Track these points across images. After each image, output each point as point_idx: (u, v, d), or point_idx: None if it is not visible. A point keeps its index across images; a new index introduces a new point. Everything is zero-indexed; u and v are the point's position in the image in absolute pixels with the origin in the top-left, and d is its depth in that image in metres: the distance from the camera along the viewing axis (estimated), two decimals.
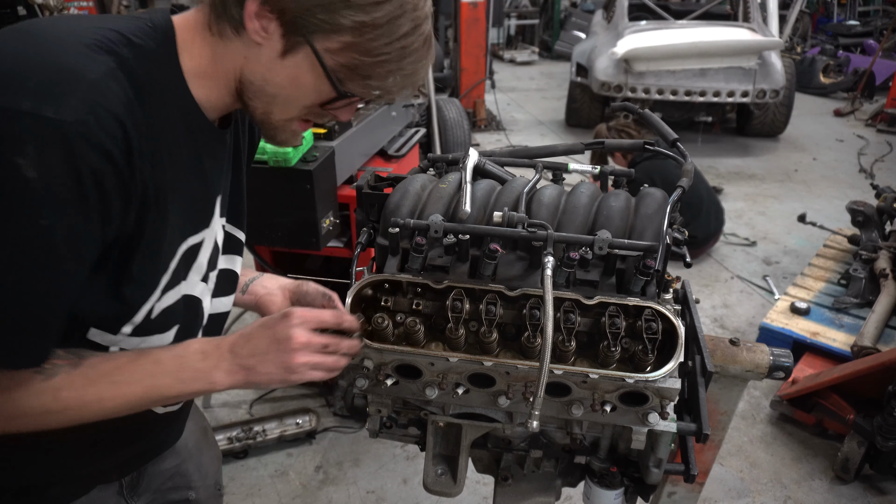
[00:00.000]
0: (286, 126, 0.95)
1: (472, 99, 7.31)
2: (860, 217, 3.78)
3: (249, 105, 0.92)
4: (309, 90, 0.89)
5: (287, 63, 0.86)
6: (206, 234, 0.97)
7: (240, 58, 0.87)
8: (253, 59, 0.87)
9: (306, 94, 0.90)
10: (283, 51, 0.85)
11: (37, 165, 0.68)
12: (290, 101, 0.91)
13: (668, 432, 1.17)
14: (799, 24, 11.16)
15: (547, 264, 1.06)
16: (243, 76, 0.89)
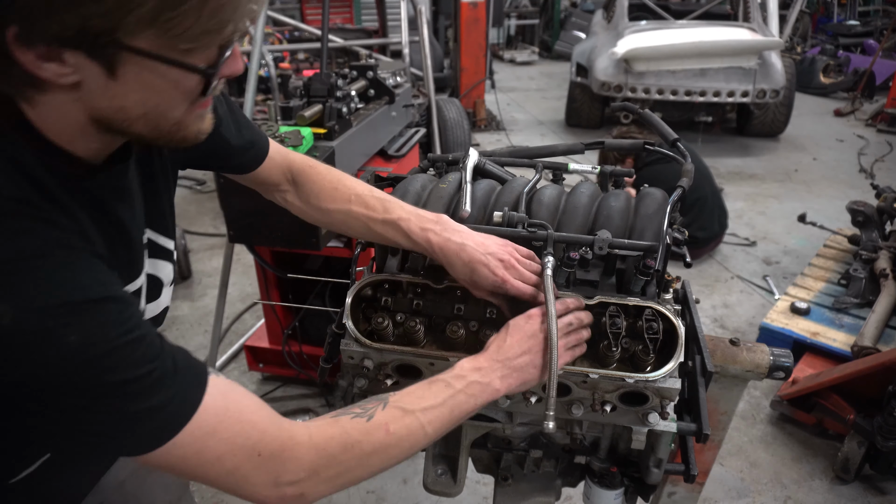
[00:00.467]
0: (181, 124, 0.80)
1: (472, 99, 7.31)
2: (860, 217, 3.78)
3: (133, 133, 0.77)
4: (170, 89, 0.74)
5: (122, 80, 0.70)
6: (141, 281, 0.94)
7: (71, 106, 0.72)
8: (86, 98, 0.71)
9: (171, 95, 0.75)
10: (106, 72, 0.69)
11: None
12: (164, 109, 0.76)
13: (668, 432, 1.17)
14: (799, 24, 11.16)
15: (547, 264, 1.06)
16: (94, 118, 0.74)
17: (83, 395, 0.68)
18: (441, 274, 1.16)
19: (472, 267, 1.07)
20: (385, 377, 1.15)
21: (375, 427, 0.85)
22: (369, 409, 0.87)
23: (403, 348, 1.12)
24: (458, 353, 1.12)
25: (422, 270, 1.18)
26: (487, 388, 0.97)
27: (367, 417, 0.85)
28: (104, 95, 0.71)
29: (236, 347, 3.35)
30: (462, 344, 1.13)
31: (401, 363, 1.13)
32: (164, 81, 0.72)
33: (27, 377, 0.65)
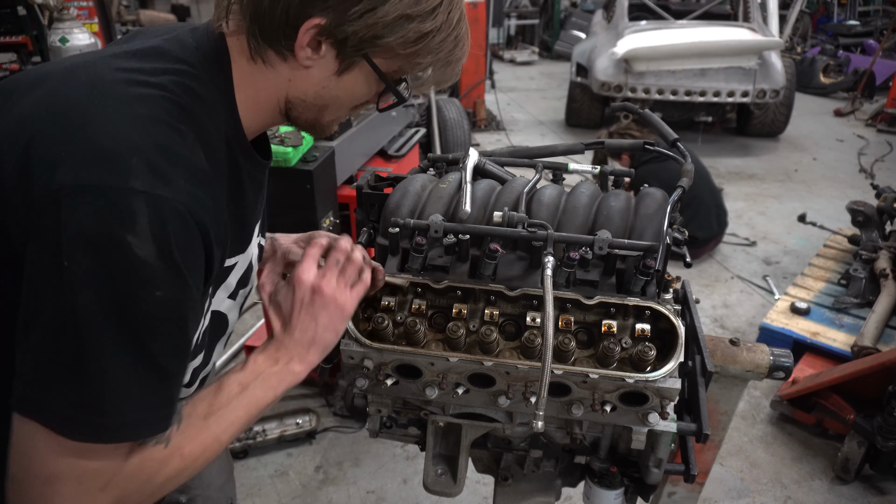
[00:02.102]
0: (333, 122, 0.98)
1: (472, 99, 7.31)
2: (860, 217, 3.78)
3: (299, 118, 0.94)
4: (362, 95, 0.92)
5: (344, 79, 0.87)
6: (238, 258, 0.98)
7: (284, 81, 0.88)
8: (300, 80, 0.88)
9: (360, 98, 0.93)
10: (339, 69, 0.86)
11: (148, 243, 0.69)
12: (342, 106, 0.94)
13: (668, 432, 1.17)
14: (799, 24, 11.16)
15: (547, 264, 1.06)
16: (290, 96, 0.90)
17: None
18: (441, 274, 1.16)
19: None
20: (385, 377, 1.15)
21: (171, 454, 0.80)
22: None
23: (403, 348, 1.12)
24: (458, 352, 1.12)
25: (422, 270, 1.18)
26: (287, 376, 0.93)
27: (164, 442, 0.80)
28: (317, 84, 0.88)
29: (236, 347, 3.35)
30: (462, 343, 1.13)
31: (401, 363, 1.13)
32: (365, 89, 0.91)
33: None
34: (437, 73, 0.92)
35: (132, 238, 0.68)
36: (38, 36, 4.84)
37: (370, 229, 1.37)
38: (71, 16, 3.23)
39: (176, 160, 0.73)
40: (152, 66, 0.81)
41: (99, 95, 0.75)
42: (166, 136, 0.74)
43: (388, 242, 1.20)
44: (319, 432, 2.79)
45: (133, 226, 0.68)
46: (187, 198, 0.73)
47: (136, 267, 0.69)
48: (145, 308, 0.71)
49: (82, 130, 0.71)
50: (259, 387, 0.91)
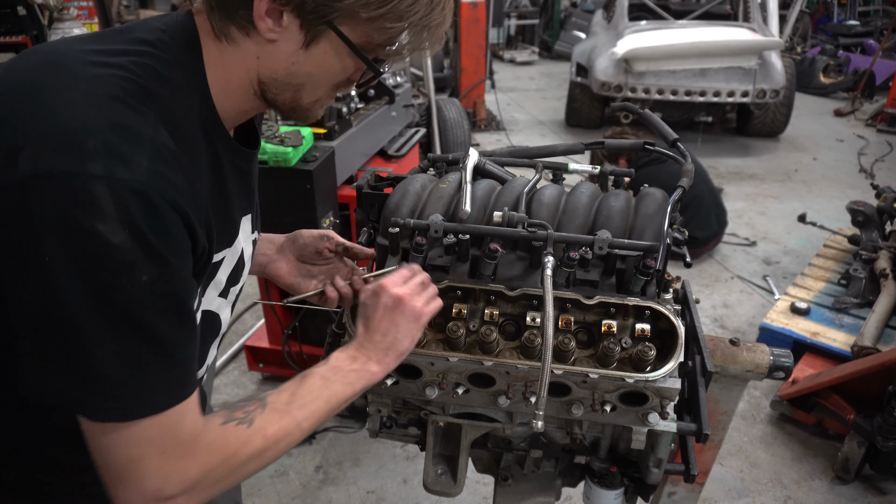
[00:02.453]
0: (315, 105, 0.93)
1: (472, 99, 7.31)
2: (860, 217, 3.78)
3: (276, 100, 0.90)
4: (337, 71, 0.87)
5: (312, 52, 0.83)
6: (226, 253, 0.96)
7: (252, 59, 0.84)
8: (268, 57, 0.84)
9: (336, 75, 0.88)
10: (305, 41, 0.82)
11: (119, 229, 0.67)
12: (318, 85, 0.89)
13: (668, 432, 1.17)
14: (799, 24, 11.15)
15: (547, 264, 1.06)
16: (261, 76, 0.86)
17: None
18: (441, 274, 1.16)
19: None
20: (385, 377, 1.15)
21: (254, 433, 0.84)
22: (250, 412, 0.86)
23: None
24: (458, 352, 1.12)
25: None
26: (364, 374, 0.98)
27: (247, 423, 0.84)
28: (285, 60, 0.84)
29: (236, 347, 3.35)
30: (462, 343, 1.13)
31: (401, 363, 1.13)
32: (338, 64, 0.86)
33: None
34: (413, 40, 0.86)
35: (102, 226, 0.66)
36: (38, 36, 4.84)
37: (370, 229, 1.37)
38: (71, 16, 3.22)
39: (136, 139, 0.71)
40: (111, 48, 0.78)
41: (53, 74, 0.73)
42: (123, 114, 0.71)
43: (388, 242, 1.20)
44: (319, 432, 2.79)
45: (100, 213, 0.66)
46: (151, 177, 0.70)
47: (113, 254, 0.67)
48: (133, 292, 0.69)
49: (37, 113, 0.69)
50: (339, 382, 0.95)
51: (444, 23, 0.87)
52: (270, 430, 0.86)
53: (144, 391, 0.74)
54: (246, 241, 1.04)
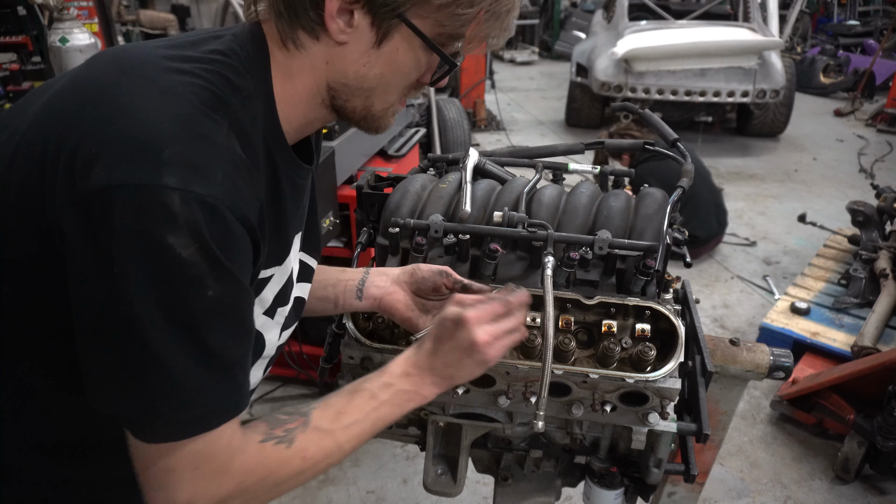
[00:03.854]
0: (387, 112, 0.90)
1: (472, 99, 7.30)
2: (860, 217, 3.78)
3: (346, 107, 0.87)
4: (409, 69, 0.84)
5: (383, 50, 0.80)
6: (275, 271, 0.92)
7: (321, 64, 0.82)
8: (338, 60, 0.81)
9: (407, 74, 0.85)
10: (377, 39, 0.79)
11: (190, 243, 0.66)
12: (390, 88, 0.86)
13: (668, 432, 1.17)
14: (799, 24, 11.15)
15: (547, 264, 1.06)
16: (331, 82, 0.83)
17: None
18: None
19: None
20: None
21: (293, 455, 0.82)
22: (291, 430, 0.83)
23: (403, 348, 1.12)
24: None
25: None
26: (415, 397, 0.93)
27: (287, 443, 0.82)
28: (357, 61, 0.81)
29: None
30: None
31: None
32: (411, 61, 0.83)
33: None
34: (486, 27, 0.82)
35: (173, 239, 0.65)
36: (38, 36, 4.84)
37: (370, 229, 1.37)
38: (71, 16, 3.22)
39: (212, 150, 0.70)
40: (184, 54, 0.77)
41: (128, 80, 0.72)
42: (200, 123, 0.70)
43: (388, 242, 1.20)
44: None
45: (173, 226, 0.65)
46: (225, 191, 0.69)
47: (183, 268, 0.66)
48: (200, 306, 0.69)
49: (113, 121, 0.68)
50: (389, 403, 0.91)
51: (514, 9, 0.84)
52: (310, 452, 0.83)
53: (197, 410, 0.72)
54: (295, 260, 1.00)
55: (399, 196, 1.26)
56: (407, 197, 1.26)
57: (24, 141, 0.73)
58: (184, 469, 0.74)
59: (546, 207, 1.21)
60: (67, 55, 3.11)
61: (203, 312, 0.69)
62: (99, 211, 0.65)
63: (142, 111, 0.69)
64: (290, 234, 0.95)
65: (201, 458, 0.74)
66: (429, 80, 0.89)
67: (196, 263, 0.67)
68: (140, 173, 0.65)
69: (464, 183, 1.24)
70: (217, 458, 0.75)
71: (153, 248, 0.65)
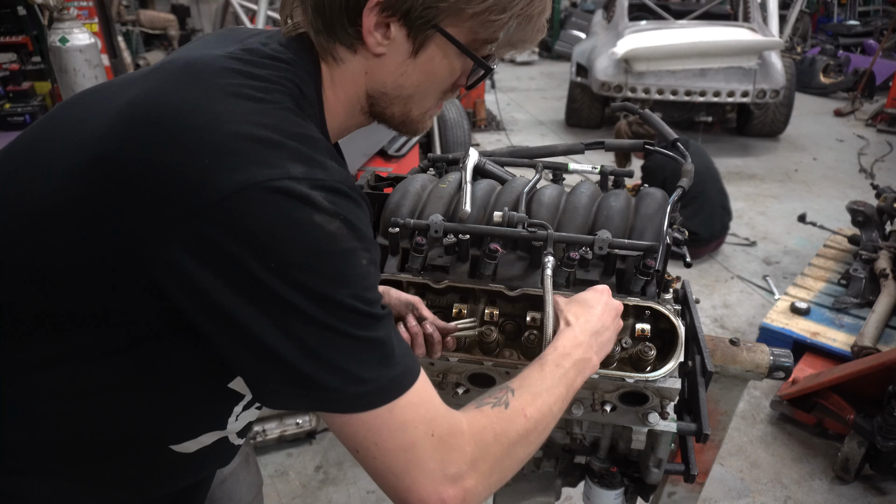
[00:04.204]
0: (424, 116, 0.93)
1: (472, 99, 7.31)
2: (860, 217, 3.78)
3: (385, 114, 0.90)
4: (445, 75, 0.87)
5: (420, 59, 0.83)
6: None
7: (360, 76, 0.85)
8: (376, 71, 0.84)
9: (444, 80, 0.87)
10: (413, 50, 0.82)
11: (333, 218, 0.68)
12: (427, 94, 0.89)
13: (668, 432, 1.17)
14: (799, 24, 11.15)
15: (547, 264, 1.06)
16: (370, 91, 0.87)
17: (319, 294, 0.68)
18: (441, 274, 1.16)
19: None
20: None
21: (514, 414, 0.82)
22: (501, 397, 0.84)
23: None
24: (458, 352, 1.12)
25: (422, 270, 1.18)
26: (588, 364, 0.95)
27: (503, 405, 0.82)
28: (394, 71, 0.84)
29: None
30: (462, 343, 1.13)
31: None
32: (446, 68, 0.85)
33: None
34: (518, 31, 0.84)
35: (319, 217, 0.67)
36: (38, 36, 4.84)
37: None
38: (71, 16, 3.22)
39: (316, 144, 0.73)
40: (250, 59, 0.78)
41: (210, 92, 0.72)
42: (297, 123, 0.73)
43: (389, 242, 1.20)
44: (319, 432, 2.79)
45: (315, 207, 0.67)
46: (342, 175, 0.72)
47: (337, 242, 0.68)
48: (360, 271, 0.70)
49: (213, 132, 0.67)
50: (573, 369, 0.92)
51: (546, 11, 0.86)
52: (529, 411, 0.83)
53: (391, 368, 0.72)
54: None
55: (399, 196, 1.26)
56: (407, 197, 1.26)
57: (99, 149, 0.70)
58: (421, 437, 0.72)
59: (546, 207, 1.21)
60: (67, 55, 3.11)
61: (363, 278, 0.71)
62: (236, 212, 0.65)
63: (237, 118, 0.69)
64: None
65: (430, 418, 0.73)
66: (465, 83, 0.91)
67: (345, 236, 0.69)
68: (265, 171, 0.66)
69: (464, 183, 1.24)
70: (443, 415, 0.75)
71: (304, 229, 0.66)
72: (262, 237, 0.65)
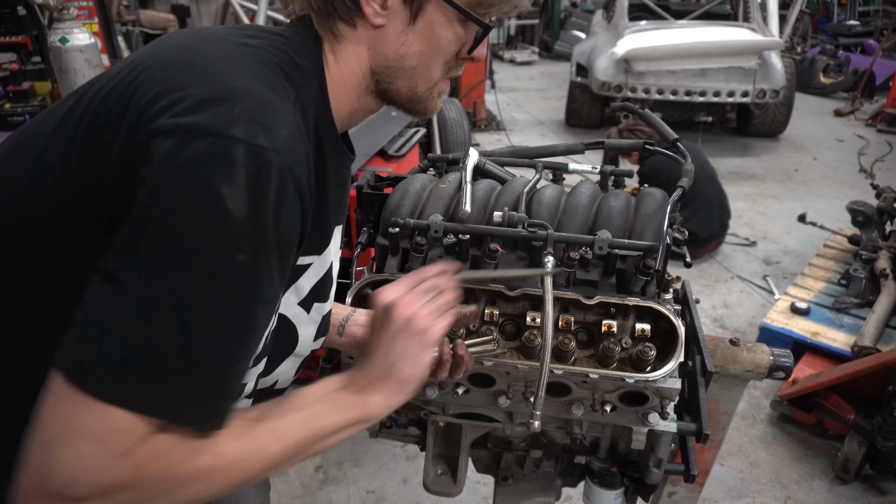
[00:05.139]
0: (432, 92, 0.91)
1: (472, 99, 7.30)
2: (860, 217, 3.78)
3: (391, 90, 0.88)
4: (448, 42, 0.85)
5: (419, 26, 0.82)
6: (314, 260, 0.89)
7: (362, 50, 0.85)
8: (377, 44, 0.84)
9: (446, 48, 0.86)
10: (411, 17, 0.82)
11: (242, 197, 0.64)
12: (431, 65, 0.87)
13: (668, 432, 1.17)
14: (799, 24, 11.15)
15: (547, 264, 1.06)
16: (373, 66, 0.86)
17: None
18: None
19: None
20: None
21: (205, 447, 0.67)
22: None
23: None
24: None
25: None
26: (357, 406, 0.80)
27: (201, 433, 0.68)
28: (395, 41, 0.83)
29: None
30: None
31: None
32: (448, 33, 0.84)
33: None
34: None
35: (227, 190, 0.63)
36: (38, 36, 4.84)
37: (370, 229, 1.37)
38: (71, 16, 3.22)
39: (279, 111, 0.70)
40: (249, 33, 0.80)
41: (207, 46, 0.75)
42: (272, 89, 0.72)
43: (388, 242, 1.20)
44: None
45: (230, 178, 0.63)
46: (288, 149, 0.68)
47: (223, 221, 0.63)
48: (223, 266, 0.64)
49: (194, 75, 0.70)
50: (326, 407, 0.78)
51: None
52: (227, 448, 0.69)
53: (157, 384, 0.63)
54: (336, 255, 0.98)
55: (399, 196, 1.26)
56: (407, 197, 1.26)
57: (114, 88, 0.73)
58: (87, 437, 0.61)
59: (546, 207, 1.21)
60: (67, 55, 3.11)
61: (223, 274, 0.64)
62: (165, 147, 0.64)
63: (217, 69, 0.71)
64: (331, 225, 0.93)
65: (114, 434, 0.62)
66: (467, 53, 0.89)
67: (239, 221, 0.64)
68: (209, 120, 0.65)
69: (464, 183, 1.24)
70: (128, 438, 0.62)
71: (202, 192, 0.63)
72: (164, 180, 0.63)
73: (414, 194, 1.27)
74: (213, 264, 0.64)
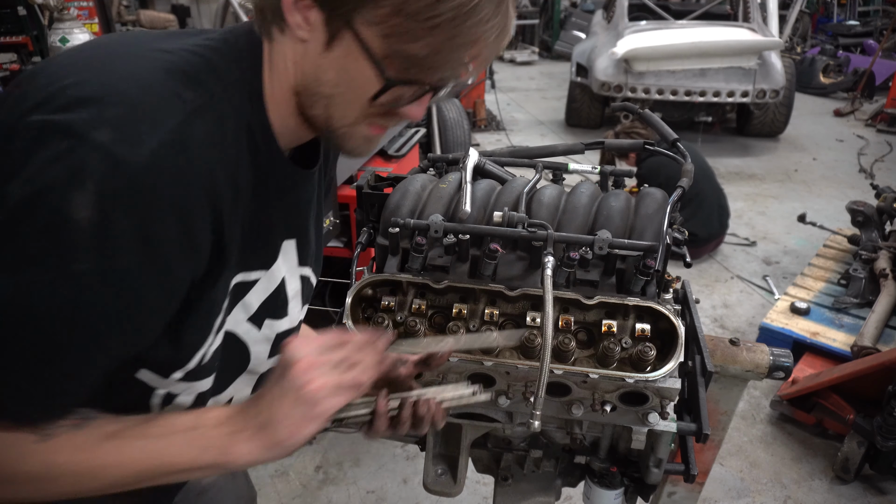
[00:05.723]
0: (352, 132, 0.81)
1: (472, 99, 7.31)
2: (860, 217, 3.78)
3: (309, 114, 0.80)
4: (361, 82, 0.75)
5: (334, 54, 0.74)
6: (262, 275, 0.87)
7: (290, 63, 0.77)
8: (302, 60, 0.76)
9: (359, 89, 0.76)
10: (327, 40, 0.73)
11: (88, 206, 0.60)
12: (346, 101, 0.78)
13: (668, 432, 1.17)
14: (799, 24, 11.16)
15: (547, 264, 1.06)
16: (297, 84, 0.78)
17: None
18: (441, 274, 1.16)
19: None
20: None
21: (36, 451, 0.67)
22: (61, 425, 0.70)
23: (403, 348, 1.12)
24: (457, 352, 1.12)
25: (422, 270, 1.18)
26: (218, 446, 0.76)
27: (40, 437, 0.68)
28: (313, 62, 0.76)
29: None
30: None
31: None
32: (356, 74, 0.75)
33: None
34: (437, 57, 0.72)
35: (74, 195, 0.60)
36: (38, 36, 4.84)
37: (370, 229, 1.37)
38: (71, 16, 3.23)
39: (155, 121, 0.65)
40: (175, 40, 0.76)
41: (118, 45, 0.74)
42: (159, 95, 0.67)
43: (388, 242, 1.20)
44: (319, 432, 2.79)
45: (80, 183, 0.60)
46: (154, 163, 0.63)
47: (62, 227, 0.60)
48: (52, 275, 0.62)
49: (77, 72, 0.68)
50: (184, 443, 0.75)
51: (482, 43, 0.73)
52: (59, 459, 0.68)
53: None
54: (290, 272, 0.93)
55: (399, 196, 1.26)
56: (407, 197, 1.26)
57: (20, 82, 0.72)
58: None
59: (546, 207, 1.21)
60: None
61: (56, 279, 0.62)
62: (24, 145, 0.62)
63: (109, 71, 0.68)
64: (278, 240, 0.90)
65: None
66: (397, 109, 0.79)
67: (80, 229, 0.61)
68: (77, 121, 0.62)
69: (464, 183, 1.24)
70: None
71: (48, 196, 0.60)
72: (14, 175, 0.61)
73: (414, 194, 1.27)
74: (46, 270, 0.61)
